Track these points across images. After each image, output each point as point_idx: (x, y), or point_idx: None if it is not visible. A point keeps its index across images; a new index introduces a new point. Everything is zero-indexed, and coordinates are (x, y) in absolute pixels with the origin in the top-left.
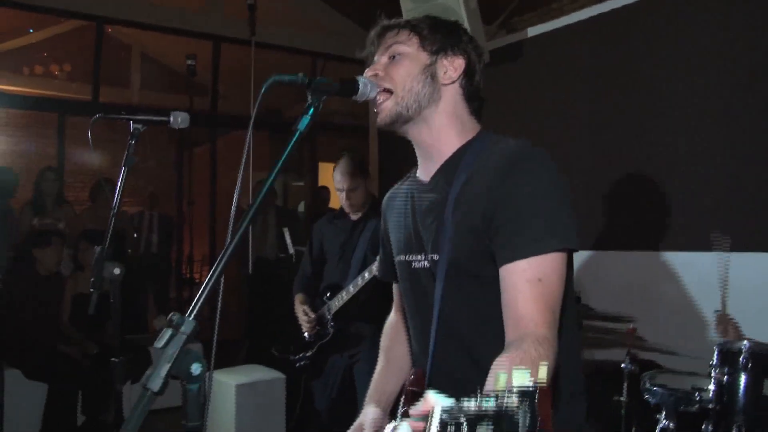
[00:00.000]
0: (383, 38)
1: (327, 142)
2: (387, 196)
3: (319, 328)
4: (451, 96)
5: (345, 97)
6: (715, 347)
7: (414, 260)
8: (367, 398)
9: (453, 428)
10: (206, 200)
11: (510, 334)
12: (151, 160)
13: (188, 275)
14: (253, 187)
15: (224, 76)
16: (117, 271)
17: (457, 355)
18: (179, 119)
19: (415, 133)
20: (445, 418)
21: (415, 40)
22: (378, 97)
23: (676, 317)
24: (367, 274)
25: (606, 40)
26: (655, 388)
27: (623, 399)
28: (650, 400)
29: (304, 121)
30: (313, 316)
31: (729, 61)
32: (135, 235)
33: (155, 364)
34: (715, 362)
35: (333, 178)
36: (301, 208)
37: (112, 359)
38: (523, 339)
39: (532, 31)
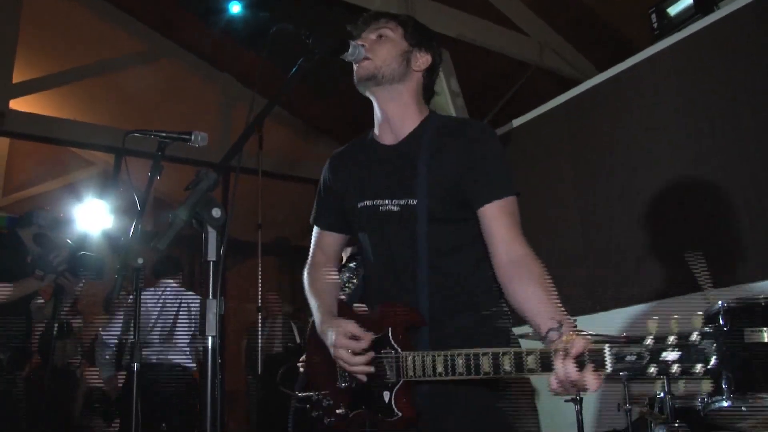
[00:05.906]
0: (374, 22)
1: None
2: (335, 153)
3: None
4: (416, 81)
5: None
6: None
7: (381, 205)
8: (329, 315)
9: (633, 357)
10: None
11: (502, 252)
12: None
13: None
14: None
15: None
16: (140, 260)
17: (447, 285)
18: (199, 138)
19: (385, 99)
20: (620, 352)
21: (400, 30)
22: (361, 61)
23: None
24: None
25: (579, 118)
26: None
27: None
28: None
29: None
30: None
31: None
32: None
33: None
34: None
35: None
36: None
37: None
38: (524, 257)
39: (517, 121)
